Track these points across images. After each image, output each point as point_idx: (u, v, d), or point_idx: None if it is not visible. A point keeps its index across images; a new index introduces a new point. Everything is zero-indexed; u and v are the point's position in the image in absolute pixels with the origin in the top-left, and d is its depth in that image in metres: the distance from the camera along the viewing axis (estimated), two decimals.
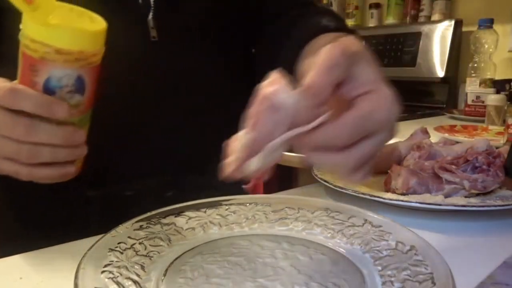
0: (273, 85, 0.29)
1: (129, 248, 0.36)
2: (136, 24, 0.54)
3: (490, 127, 1.09)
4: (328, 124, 0.28)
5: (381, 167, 0.65)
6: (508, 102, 0.93)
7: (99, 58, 0.38)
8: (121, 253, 0.35)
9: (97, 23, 0.37)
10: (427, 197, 0.50)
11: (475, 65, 1.41)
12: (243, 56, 0.66)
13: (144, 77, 0.54)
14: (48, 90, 0.36)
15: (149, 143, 0.55)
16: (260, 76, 0.31)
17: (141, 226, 0.39)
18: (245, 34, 0.65)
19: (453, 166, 0.53)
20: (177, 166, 0.57)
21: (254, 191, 0.69)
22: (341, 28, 0.51)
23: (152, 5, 0.54)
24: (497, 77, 1.37)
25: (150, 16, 0.54)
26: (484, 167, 0.52)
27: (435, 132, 0.98)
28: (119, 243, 0.36)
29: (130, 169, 0.56)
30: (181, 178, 0.57)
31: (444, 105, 1.56)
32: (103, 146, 0.46)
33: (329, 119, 0.28)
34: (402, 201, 0.50)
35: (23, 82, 0.36)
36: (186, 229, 0.41)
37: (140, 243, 0.37)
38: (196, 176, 0.57)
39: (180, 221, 0.42)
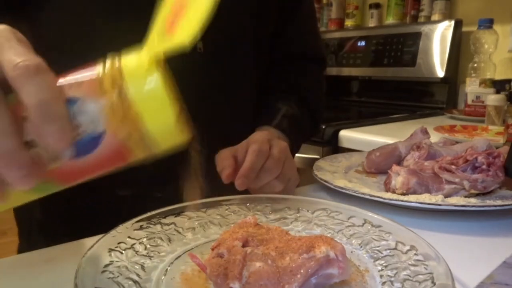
0: None
1: (129, 248, 0.36)
2: None
3: (490, 127, 1.09)
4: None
5: (381, 167, 0.65)
6: (508, 102, 0.93)
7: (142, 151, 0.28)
8: (121, 253, 0.35)
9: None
10: (427, 197, 0.50)
11: (475, 65, 1.41)
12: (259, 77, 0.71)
13: (188, 87, 0.56)
14: None
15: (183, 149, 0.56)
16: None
17: (141, 226, 0.39)
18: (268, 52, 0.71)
19: (453, 166, 0.53)
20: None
21: None
22: (290, 116, 0.66)
23: None
24: (497, 77, 1.37)
25: None
26: (484, 167, 0.52)
27: (435, 132, 0.98)
28: (119, 243, 0.36)
29: (162, 172, 0.56)
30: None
31: (444, 105, 1.56)
32: None
33: None
34: (402, 201, 0.50)
35: None
36: (186, 229, 0.41)
37: (140, 243, 0.37)
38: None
39: (180, 221, 0.42)
